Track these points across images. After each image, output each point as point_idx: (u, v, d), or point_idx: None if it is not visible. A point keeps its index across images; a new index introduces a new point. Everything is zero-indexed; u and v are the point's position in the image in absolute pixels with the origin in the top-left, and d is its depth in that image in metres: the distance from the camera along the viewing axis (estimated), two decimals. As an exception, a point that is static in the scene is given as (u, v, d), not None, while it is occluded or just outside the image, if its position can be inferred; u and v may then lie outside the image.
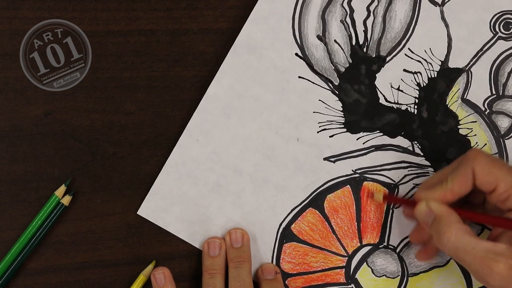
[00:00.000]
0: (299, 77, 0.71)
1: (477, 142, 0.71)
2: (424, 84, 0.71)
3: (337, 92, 0.71)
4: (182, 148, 0.70)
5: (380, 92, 0.71)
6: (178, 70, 0.71)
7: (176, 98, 0.71)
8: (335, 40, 0.71)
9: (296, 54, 0.71)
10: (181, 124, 0.70)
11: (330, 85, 0.71)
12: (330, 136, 0.71)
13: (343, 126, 0.71)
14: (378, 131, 0.71)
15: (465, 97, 0.71)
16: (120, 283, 0.69)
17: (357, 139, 0.71)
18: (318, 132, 0.70)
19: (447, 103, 0.71)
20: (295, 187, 0.70)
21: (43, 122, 0.69)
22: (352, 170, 0.70)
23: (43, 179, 0.69)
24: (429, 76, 0.71)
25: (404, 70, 0.71)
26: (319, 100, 0.71)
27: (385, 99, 0.71)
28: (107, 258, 0.69)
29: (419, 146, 0.71)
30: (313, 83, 0.71)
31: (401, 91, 0.71)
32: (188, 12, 0.71)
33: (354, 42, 0.71)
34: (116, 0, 0.71)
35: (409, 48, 0.71)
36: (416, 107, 0.71)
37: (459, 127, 0.71)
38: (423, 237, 0.67)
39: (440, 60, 0.71)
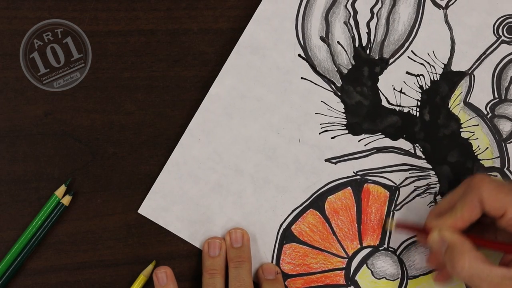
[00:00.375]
0: (302, 78, 0.70)
1: (478, 146, 0.71)
2: (427, 87, 0.71)
3: (340, 94, 0.71)
4: (184, 147, 0.69)
5: (383, 94, 0.71)
6: (178, 70, 0.70)
7: (176, 98, 0.70)
8: (338, 42, 0.71)
9: (299, 55, 0.70)
10: (181, 124, 0.70)
11: (333, 86, 0.71)
12: (331, 138, 0.70)
13: (345, 127, 0.70)
14: (380, 133, 0.71)
15: (467, 101, 0.71)
16: (120, 283, 0.69)
17: (358, 141, 0.70)
18: (320, 133, 0.70)
19: (449, 106, 0.71)
20: (296, 188, 0.70)
21: (43, 122, 0.69)
22: (353, 172, 0.70)
23: (43, 179, 0.68)
24: (432, 79, 0.71)
25: (407, 72, 0.71)
26: (322, 101, 0.70)
27: (388, 101, 0.71)
28: (107, 258, 0.69)
29: (421, 149, 0.71)
30: (315, 84, 0.70)
31: (404, 93, 0.71)
32: (188, 12, 0.71)
33: (357, 44, 0.71)
34: (116, 0, 0.70)
35: (412, 51, 0.71)
36: (418, 109, 0.71)
37: (461, 130, 0.71)
38: (439, 261, 0.66)
39: (443, 63, 0.71)
